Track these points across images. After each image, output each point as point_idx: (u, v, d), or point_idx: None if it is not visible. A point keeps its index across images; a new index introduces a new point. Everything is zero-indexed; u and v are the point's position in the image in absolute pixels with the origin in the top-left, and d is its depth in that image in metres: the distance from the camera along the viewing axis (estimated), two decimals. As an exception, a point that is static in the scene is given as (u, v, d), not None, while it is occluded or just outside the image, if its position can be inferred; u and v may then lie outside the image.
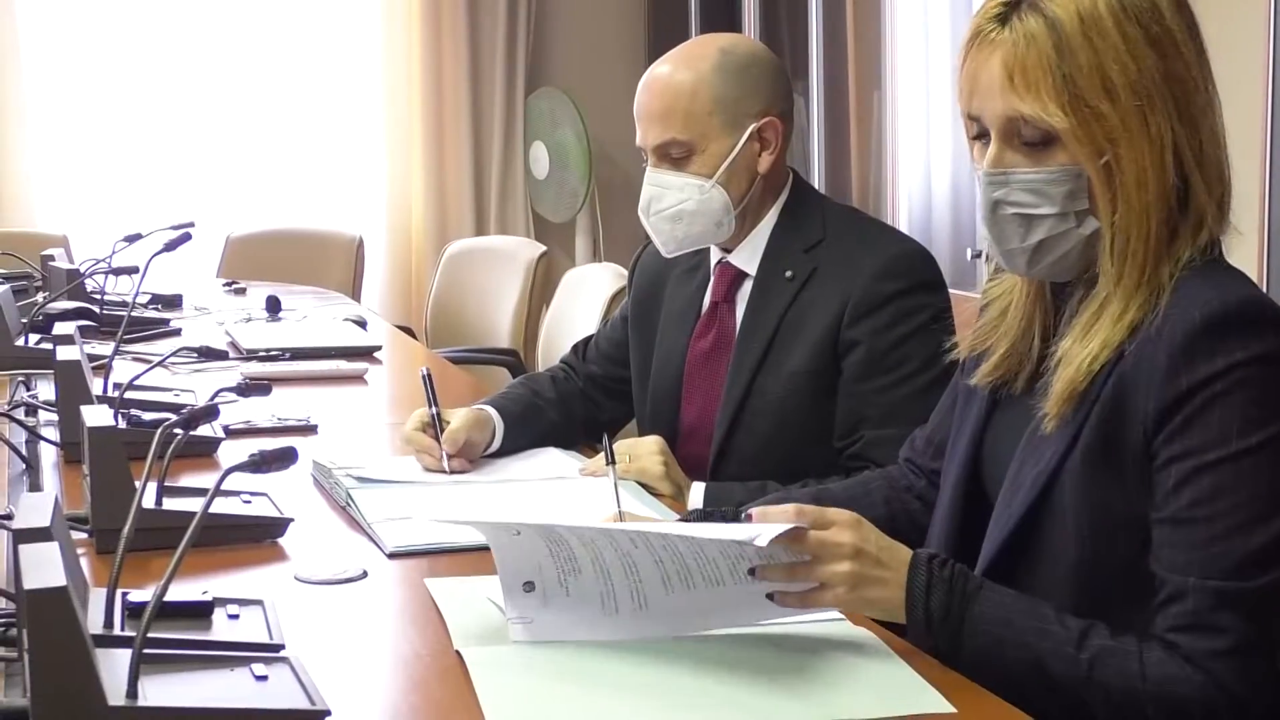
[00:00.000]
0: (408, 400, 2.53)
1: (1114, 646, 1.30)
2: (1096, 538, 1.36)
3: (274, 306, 3.65)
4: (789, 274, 2.11)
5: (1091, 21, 1.33)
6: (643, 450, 2.04)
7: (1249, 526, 1.27)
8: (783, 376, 2.08)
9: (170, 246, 2.69)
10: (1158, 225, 1.34)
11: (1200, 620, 1.27)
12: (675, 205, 2.10)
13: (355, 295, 4.68)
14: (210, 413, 1.60)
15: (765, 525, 1.29)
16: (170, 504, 1.71)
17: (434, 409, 2.09)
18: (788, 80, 2.22)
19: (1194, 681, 1.26)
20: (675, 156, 2.10)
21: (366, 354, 3.08)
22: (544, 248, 4.15)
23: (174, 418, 1.56)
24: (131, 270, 3.05)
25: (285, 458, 1.32)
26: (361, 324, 3.50)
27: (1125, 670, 1.28)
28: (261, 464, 1.31)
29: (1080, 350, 1.36)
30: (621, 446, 2.07)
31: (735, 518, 1.60)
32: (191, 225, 3.52)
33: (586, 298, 3.46)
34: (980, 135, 1.41)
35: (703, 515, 1.61)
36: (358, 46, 5.45)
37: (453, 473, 2.04)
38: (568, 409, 2.29)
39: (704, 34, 2.36)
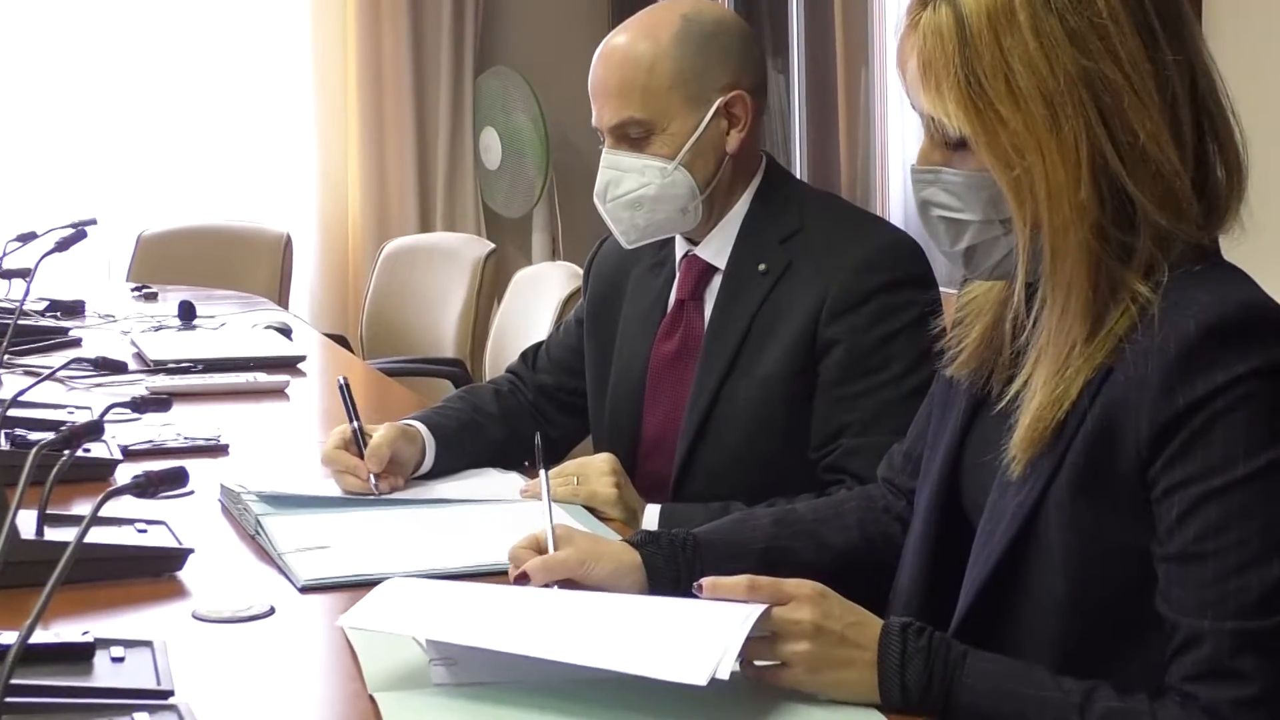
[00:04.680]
0: (333, 417, 2.51)
1: (1122, 709, 1.28)
2: (1086, 571, 1.35)
3: (187, 313, 3.64)
4: (762, 267, 2.10)
5: (1001, 15, 1.31)
6: (593, 471, 2.02)
7: (1265, 558, 1.26)
8: (755, 381, 2.07)
9: (63, 246, 2.68)
10: (1085, 242, 1.32)
11: (1220, 667, 1.26)
12: (635, 190, 2.10)
13: (282, 300, 4.66)
14: (93, 430, 1.58)
15: (728, 640, 1.26)
16: (54, 534, 1.69)
17: (355, 423, 2.07)
18: (760, 50, 2.22)
19: None
20: (634, 137, 2.10)
21: (289, 365, 3.07)
22: (492, 245, 4.15)
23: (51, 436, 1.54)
24: (22, 273, 3.02)
25: (174, 480, 1.30)
26: (285, 332, 3.48)
27: None
28: (147, 487, 1.29)
29: (1034, 394, 1.35)
30: (571, 467, 2.05)
31: (685, 542, 1.60)
32: (93, 222, 3.50)
33: (540, 300, 3.45)
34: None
35: (650, 538, 1.60)
36: (284, 20, 5.42)
37: (381, 493, 2.03)
38: (512, 425, 2.27)
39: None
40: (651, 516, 1.99)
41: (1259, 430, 1.26)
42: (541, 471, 1.65)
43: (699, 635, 1.29)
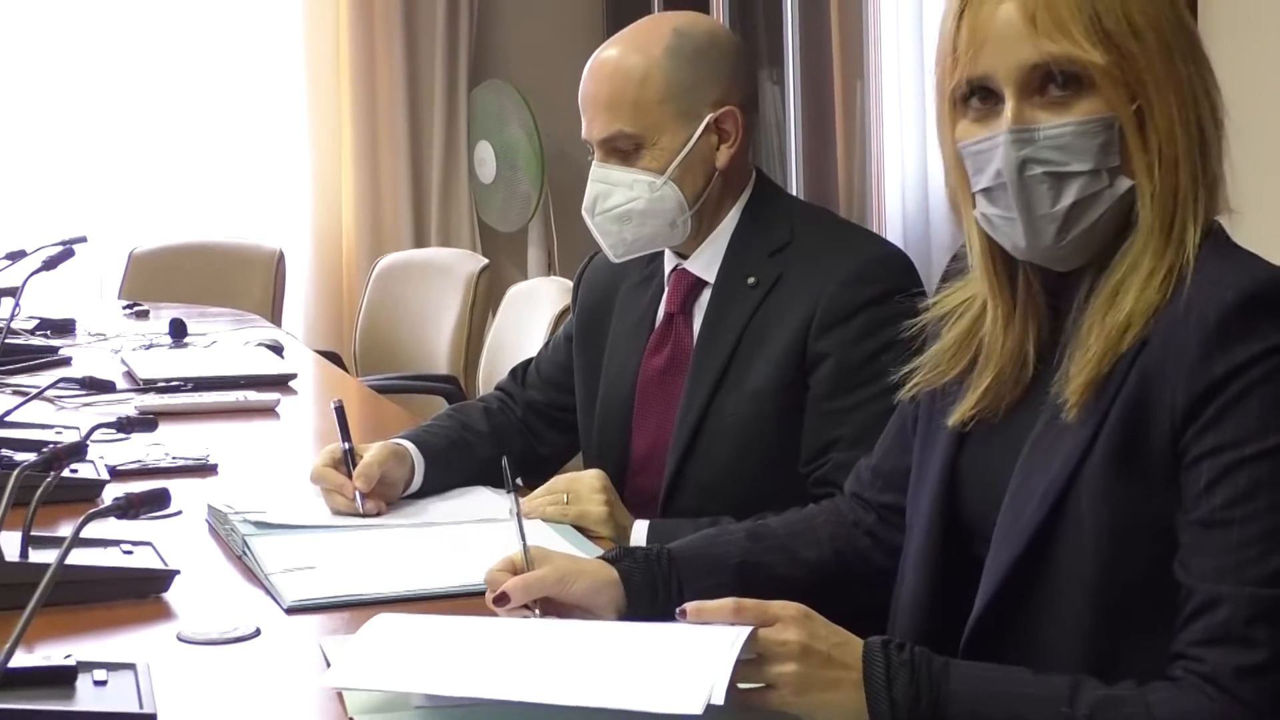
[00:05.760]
0: (324, 436, 2.52)
1: (1112, 696, 1.29)
2: (1117, 548, 1.35)
3: (178, 331, 3.64)
4: (752, 281, 2.11)
5: None
6: (583, 489, 2.03)
7: None
8: (744, 394, 2.08)
9: (51, 264, 2.69)
10: (1189, 182, 1.39)
11: (1232, 633, 1.27)
12: (623, 204, 2.11)
13: (275, 317, 4.67)
14: (76, 452, 1.59)
15: (718, 665, 1.26)
16: (39, 556, 1.69)
17: (346, 444, 2.08)
18: (751, 65, 2.23)
19: (1210, 710, 1.26)
20: (623, 150, 2.11)
21: (280, 383, 3.07)
22: (485, 260, 4.15)
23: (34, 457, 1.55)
24: (10, 292, 3.03)
25: (155, 501, 1.31)
26: (277, 349, 3.49)
27: (1130, 717, 1.27)
28: (128, 509, 1.30)
29: (1104, 324, 1.38)
30: (560, 483, 2.06)
31: (660, 556, 1.60)
32: (82, 240, 3.52)
33: (533, 316, 3.45)
34: (974, 96, 1.42)
35: (626, 554, 1.61)
36: (278, 34, 5.43)
37: (368, 514, 2.03)
38: (502, 443, 2.28)
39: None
40: (640, 531, 1.99)
41: None
42: (512, 493, 1.65)
43: (688, 662, 1.28)
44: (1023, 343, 1.47)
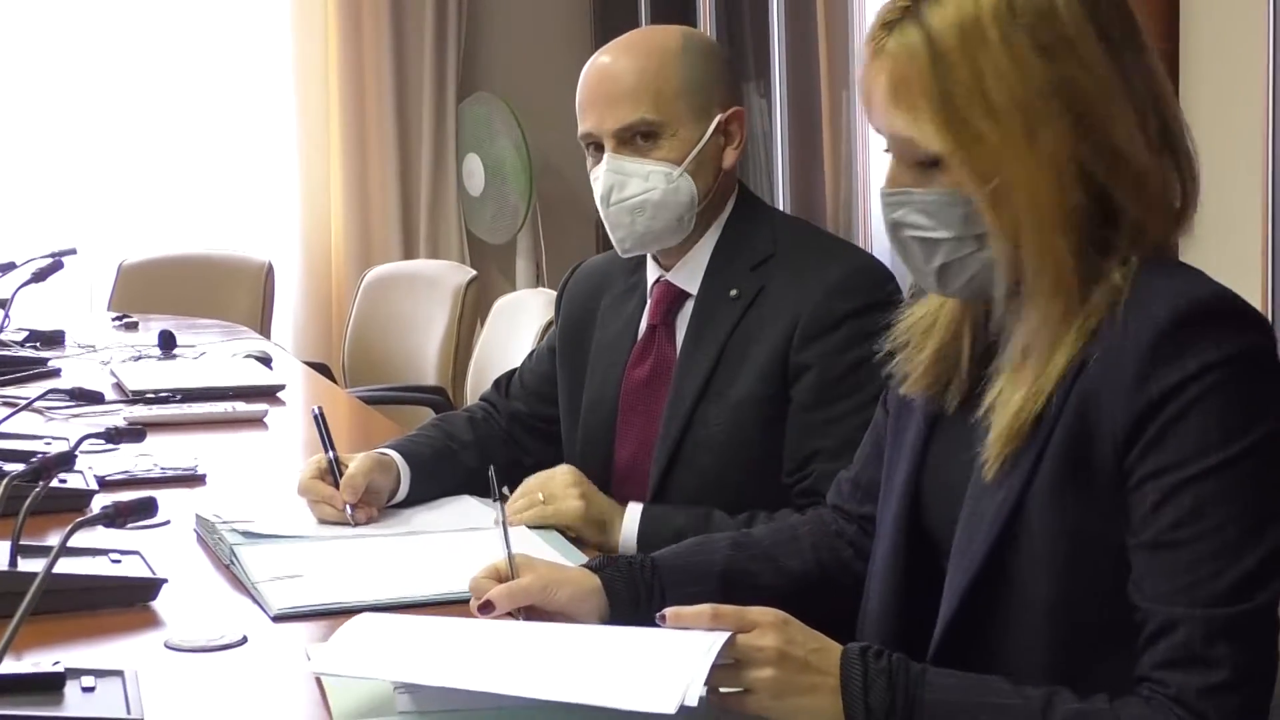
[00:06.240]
0: (312, 446, 2.53)
1: (1084, 709, 1.31)
2: (1071, 570, 1.37)
3: (167, 343, 3.66)
4: (734, 293, 2.14)
5: (972, 33, 1.36)
6: (557, 487, 2.06)
7: (1238, 545, 1.28)
8: (727, 406, 2.10)
9: (39, 276, 2.71)
10: (1067, 246, 1.37)
11: (1192, 654, 1.28)
12: (640, 194, 2.12)
13: (264, 329, 4.69)
14: (63, 462, 1.61)
15: (694, 667, 1.28)
16: (28, 565, 1.71)
17: (330, 453, 2.09)
18: (741, 78, 2.27)
19: None
20: (641, 140, 2.12)
21: (268, 394, 3.09)
22: (473, 272, 4.17)
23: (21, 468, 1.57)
24: (-1, 304, 3.05)
25: (142, 510, 1.33)
26: (265, 361, 3.51)
27: None
28: (115, 517, 1.32)
29: (1012, 391, 1.39)
30: (533, 483, 2.08)
31: (644, 565, 1.62)
32: (72, 252, 3.55)
33: (521, 327, 3.47)
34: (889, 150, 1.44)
35: (609, 562, 1.63)
36: (266, 47, 5.46)
37: (357, 524, 2.05)
38: (486, 453, 2.29)
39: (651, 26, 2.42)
40: (633, 517, 2.02)
41: (1231, 418, 1.29)
42: (498, 502, 1.67)
43: (665, 664, 1.30)
44: (959, 334, 1.50)
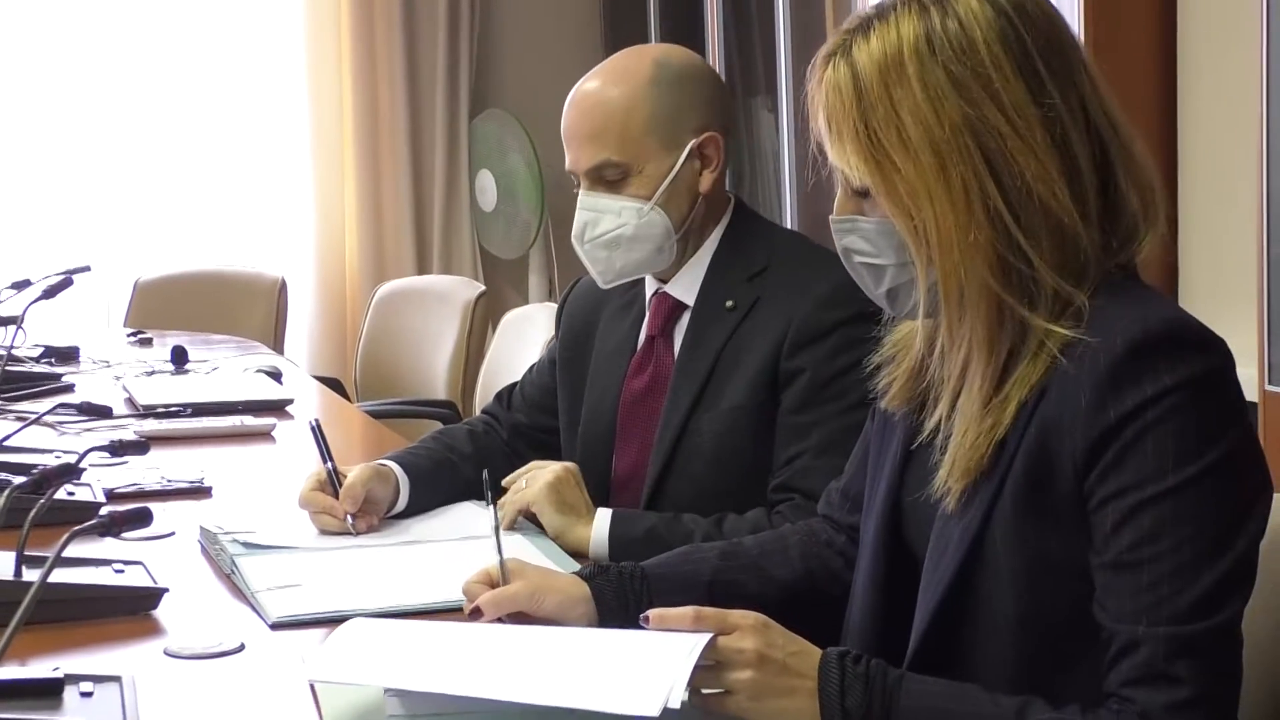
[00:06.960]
0: (317, 459, 2.57)
1: (1057, 719, 1.34)
2: (1035, 590, 1.40)
3: (180, 358, 3.70)
4: (730, 304, 2.17)
5: (892, 69, 1.40)
6: (541, 474, 2.10)
7: (1196, 564, 1.31)
8: (720, 413, 2.13)
9: (51, 293, 2.74)
10: (985, 284, 1.39)
11: (1155, 672, 1.31)
12: (612, 230, 2.16)
13: (277, 344, 4.72)
14: (66, 473, 1.64)
15: (677, 669, 1.30)
16: (32, 575, 1.74)
17: (329, 464, 2.13)
18: (728, 92, 2.29)
19: None
20: (610, 179, 2.17)
21: (276, 408, 3.12)
22: (482, 287, 4.20)
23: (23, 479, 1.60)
24: (11, 320, 3.09)
25: (137, 520, 1.36)
26: (276, 376, 3.54)
27: None
28: (110, 526, 1.35)
29: (963, 424, 1.42)
30: (531, 467, 2.13)
31: (634, 574, 1.66)
32: (86, 269, 3.59)
33: (528, 341, 3.50)
34: None
35: (599, 570, 1.66)
36: (281, 66, 5.50)
37: (358, 533, 2.08)
38: (486, 464, 2.31)
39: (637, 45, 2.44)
40: (602, 521, 2.04)
41: (1187, 441, 1.32)
42: (491, 507, 1.70)
43: (648, 666, 1.33)
44: (925, 349, 1.52)
